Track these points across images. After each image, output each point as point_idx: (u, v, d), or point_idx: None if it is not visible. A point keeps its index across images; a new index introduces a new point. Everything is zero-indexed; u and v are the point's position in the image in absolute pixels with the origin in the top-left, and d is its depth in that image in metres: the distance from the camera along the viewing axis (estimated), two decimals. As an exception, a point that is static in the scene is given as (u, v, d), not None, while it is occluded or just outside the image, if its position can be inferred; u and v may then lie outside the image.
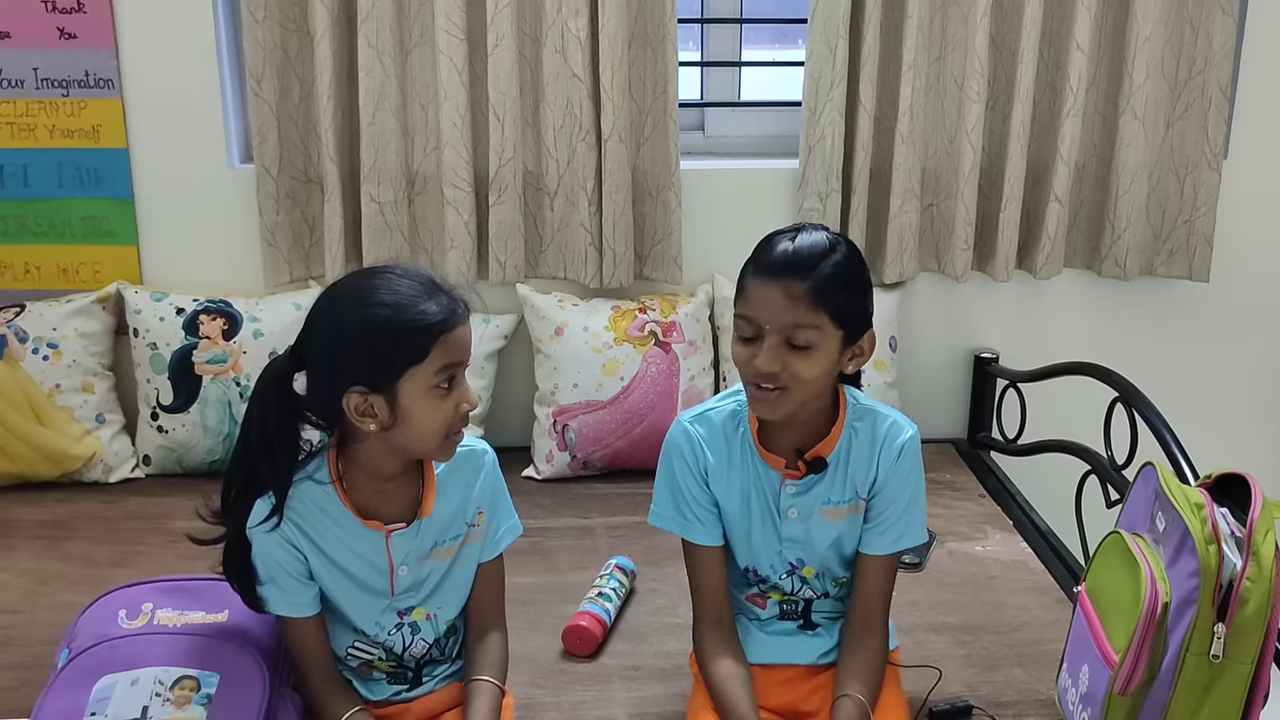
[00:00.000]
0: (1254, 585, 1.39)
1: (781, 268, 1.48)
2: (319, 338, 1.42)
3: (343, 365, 1.40)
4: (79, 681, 1.44)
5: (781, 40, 3.08)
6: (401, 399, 1.40)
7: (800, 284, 1.46)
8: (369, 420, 1.41)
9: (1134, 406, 2.11)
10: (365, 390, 1.40)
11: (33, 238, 2.59)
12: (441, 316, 1.41)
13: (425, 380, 1.40)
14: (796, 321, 1.47)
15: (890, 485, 1.60)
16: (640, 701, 1.74)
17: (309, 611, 1.51)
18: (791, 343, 1.48)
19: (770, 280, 1.48)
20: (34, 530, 2.27)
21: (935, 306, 2.76)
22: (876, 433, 1.60)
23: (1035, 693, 1.77)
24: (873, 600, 1.62)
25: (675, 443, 1.63)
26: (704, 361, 2.57)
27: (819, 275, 1.46)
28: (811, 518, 1.61)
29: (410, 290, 1.41)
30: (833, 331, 1.48)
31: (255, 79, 2.43)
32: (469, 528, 1.57)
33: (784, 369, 1.48)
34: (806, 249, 1.48)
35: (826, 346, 1.49)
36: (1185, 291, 2.76)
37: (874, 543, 1.62)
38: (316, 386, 1.44)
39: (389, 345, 1.39)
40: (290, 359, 1.44)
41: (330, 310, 1.43)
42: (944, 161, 2.61)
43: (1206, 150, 2.59)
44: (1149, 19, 2.48)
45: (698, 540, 1.63)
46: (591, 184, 2.51)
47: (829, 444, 1.59)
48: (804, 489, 1.60)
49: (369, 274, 1.47)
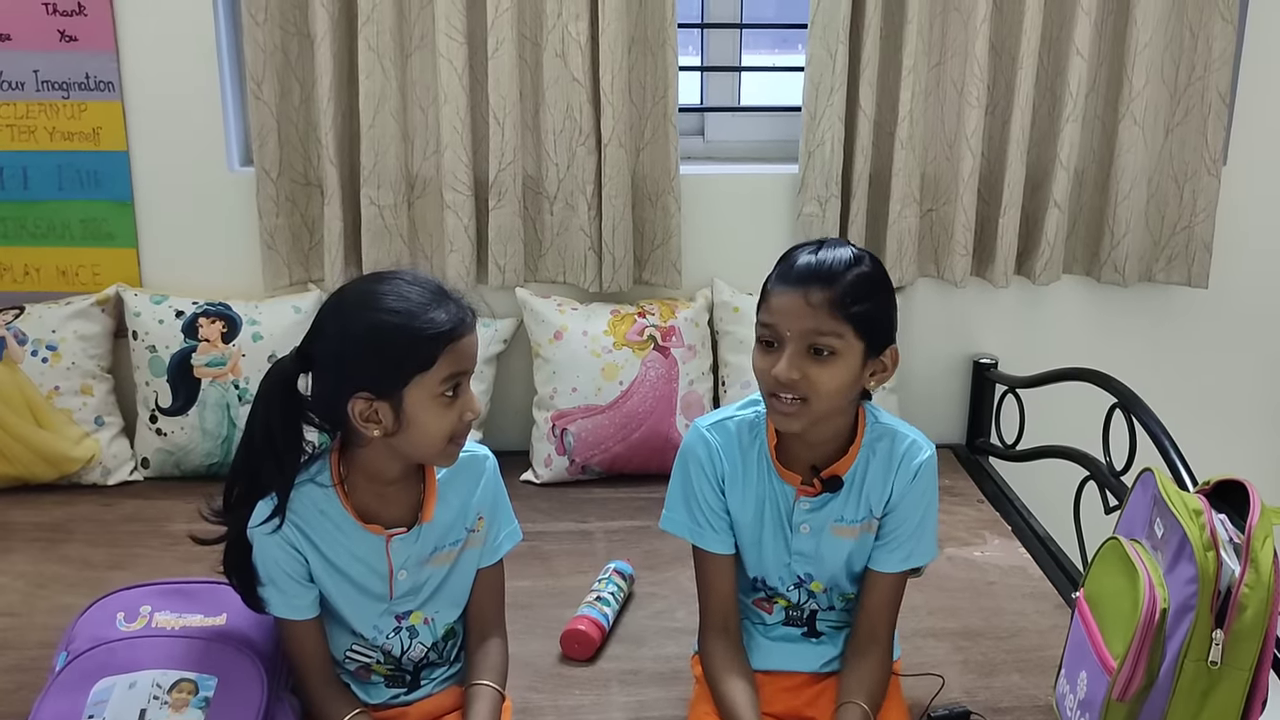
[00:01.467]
0: (1252, 592, 1.39)
1: (805, 276, 1.47)
2: (326, 341, 1.42)
3: (349, 370, 1.40)
4: (77, 684, 1.44)
5: (781, 45, 3.09)
6: (406, 406, 1.40)
7: (823, 292, 1.45)
8: (373, 426, 1.41)
9: (1133, 412, 2.11)
10: (370, 396, 1.40)
11: (32, 240, 2.59)
12: (450, 325, 1.40)
13: (431, 388, 1.40)
14: (818, 328, 1.46)
15: (904, 504, 1.59)
16: (638, 706, 1.74)
17: (308, 614, 1.51)
18: (812, 350, 1.47)
19: (793, 287, 1.47)
20: (32, 533, 2.26)
21: (934, 312, 2.76)
22: (895, 452, 1.59)
23: (1033, 698, 1.76)
24: (879, 616, 1.62)
25: (692, 448, 1.62)
26: (703, 366, 2.57)
27: (843, 284, 1.46)
28: (823, 533, 1.60)
29: (419, 297, 1.41)
30: (854, 342, 1.47)
31: (255, 82, 2.43)
32: (469, 533, 1.57)
33: (803, 378, 1.47)
34: (831, 259, 1.48)
35: (848, 357, 1.47)
36: (1184, 297, 2.76)
37: (884, 560, 1.61)
38: (322, 389, 1.44)
39: (396, 352, 1.39)
40: (296, 360, 1.44)
41: (338, 314, 1.43)
42: (943, 167, 2.61)
43: (1206, 156, 2.59)
44: (1149, 25, 2.48)
45: (710, 548, 1.62)
46: (591, 188, 2.51)
47: (846, 463, 1.58)
48: (818, 506, 1.60)
49: (378, 279, 1.47)
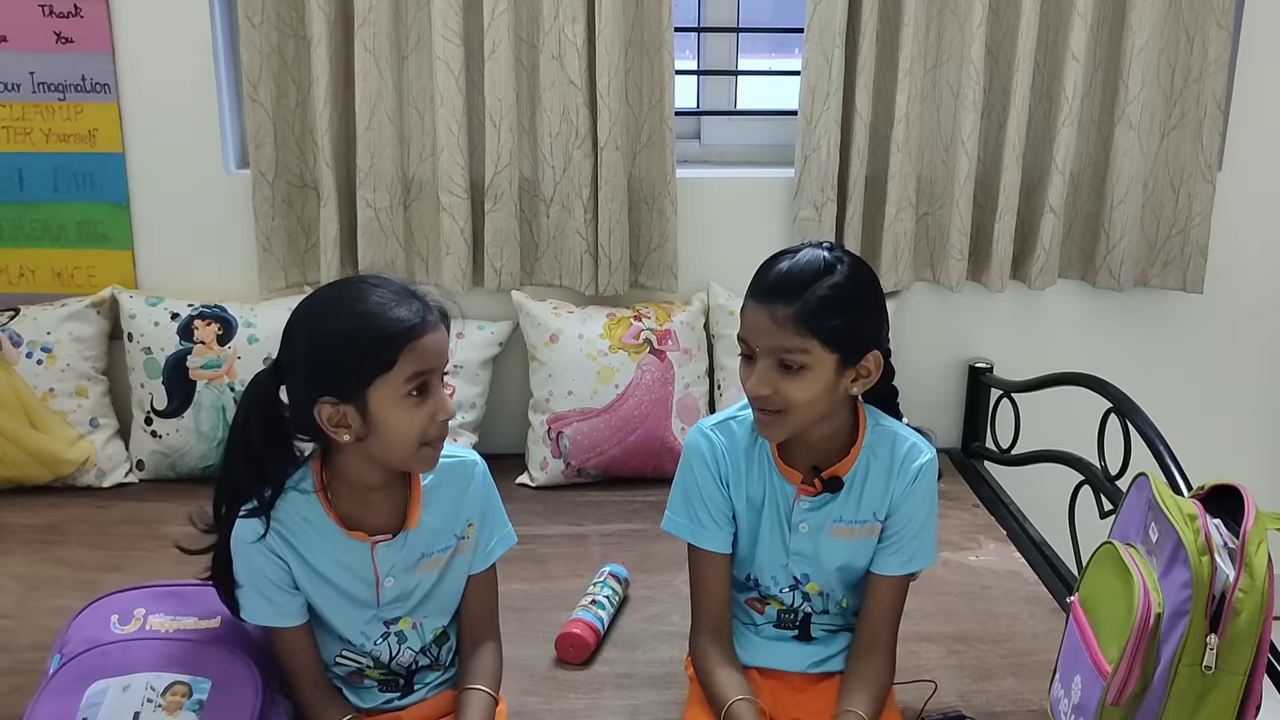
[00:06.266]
0: (1246, 596, 1.39)
1: (770, 291, 1.49)
2: (294, 348, 1.43)
3: (315, 375, 1.40)
4: (70, 687, 1.44)
5: (778, 49, 3.09)
6: (372, 408, 1.39)
7: (786, 308, 1.46)
8: (342, 431, 1.41)
9: (1128, 417, 2.12)
10: (335, 400, 1.39)
11: (28, 241, 2.58)
12: (411, 324, 1.39)
13: (395, 388, 1.39)
14: (784, 345, 1.47)
15: (905, 507, 1.60)
16: (633, 709, 1.74)
17: (295, 621, 1.50)
18: (782, 365, 1.48)
19: (760, 304, 1.49)
20: (26, 535, 2.26)
21: (930, 316, 2.76)
22: (895, 455, 1.60)
23: (1028, 703, 1.76)
24: (881, 621, 1.62)
25: (696, 447, 1.63)
26: (699, 369, 2.57)
27: (807, 299, 1.46)
28: (821, 534, 1.61)
29: (380, 298, 1.40)
30: (825, 355, 1.48)
31: (252, 84, 2.43)
32: (458, 540, 1.56)
33: (775, 392, 1.48)
34: (799, 271, 1.48)
35: (819, 369, 1.48)
36: (1179, 302, 2.76)
37: (885, 563, 1.62)
38: (294, 398, 1.44)
39: (356, 354, 1.38)
40: (273, 371, 1.45)
41: (304, 320, 1.44)
42: (939, 170, 2.61)
43: (1201, 161, 2.59)
44: (1144, 29, 2.49)
45: (706, 545, 1.63)
46: (587, 191, 2.51)
47: (846, 464, 1.59)
48: (817, 505, 1.60)
49: (342, 284, 1.49)
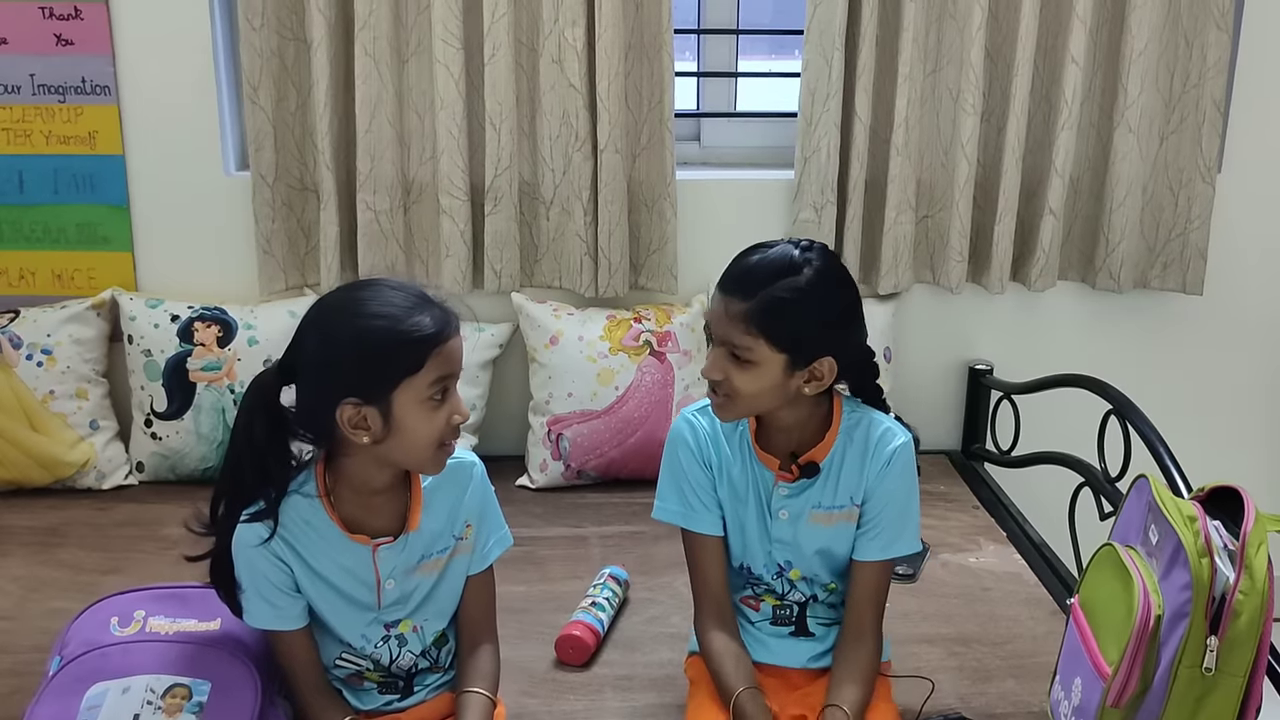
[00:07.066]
0: (1246, 598, 1.40)
1: (730, 283, 1.53)
2: (310, 351, 1.42)
3: (335, 377, 1.40)
4: (70, 689, 1.44)
5: (778, 51, 3.09)
6: (395, 410, 1.40)
7: (740, 304, 1.50)
8: (362, 432, 1.41)
9: (1127, 419, 2.12)
10: (359, 402, 1.39)
11: (28, 243, 2.58)
12: (436, 328, 1.41)
13: (419, 392, 1.40)
14: (732, 339, 1.51)
15: (880, 491, 1.61)
16: (633, 711, 1.74)
17: (297, 624, 1.50)
18: (732, 355, 1.52)
19: (721, 293, 1.53)
20: (26, 536, 2.26)
21: (930, 318, 2.76)
22: (870, 439, 1.62)
23: (1028, 705, 1.76)
24: (864, 607, 1.63)
25: (679, 432, 1.66)
26: (698, 371, 2.57)
27: (762, 298, 1.48)
28: (800, 520, 1.62)
29: (403, 302, 1.41)
30: (770, 354, 1.50)
31: (252, 86, 2.43)
32: (456, 541, 1.57)
33: (725, 378, 1.53)
34: (763, 268, 1.51)
35: (766, 366, 1.51)
36: (1179, 304, 2.76)
37: (865, 548, 1.63)
38: (306, 399, 1.44)
39: (384, 356, 1.39)
40: (278, 373, 1.44)
41: (321, 323, 1.43)
42: (939, 173, 2.61)
43: (1200, 164, 2.59)
44: (1144, 33, 2.49)
45: (700, 529, 1.64)
46: (587, 194, 2.51)
47: (823, 450, 1.61)
48: (795, 492, 1.62)
49: (359, 286, 1.48)
